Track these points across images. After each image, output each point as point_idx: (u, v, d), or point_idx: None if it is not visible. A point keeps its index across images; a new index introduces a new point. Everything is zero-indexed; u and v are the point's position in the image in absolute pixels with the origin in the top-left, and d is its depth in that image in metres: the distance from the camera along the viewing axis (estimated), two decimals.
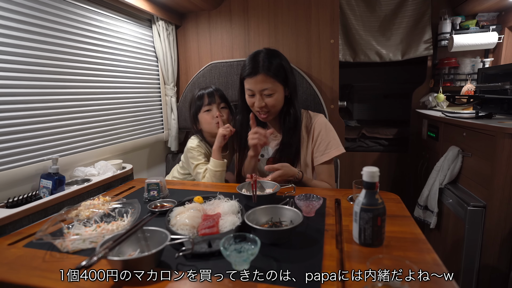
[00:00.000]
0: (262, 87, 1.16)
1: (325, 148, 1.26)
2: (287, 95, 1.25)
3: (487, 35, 1.86)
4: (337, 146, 1.27)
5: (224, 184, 1.30)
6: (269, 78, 1.15)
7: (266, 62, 1.15)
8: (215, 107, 1.38)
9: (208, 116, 1.38)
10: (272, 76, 1.15)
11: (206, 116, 1.38)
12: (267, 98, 1.18)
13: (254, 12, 1.83)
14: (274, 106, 1.19)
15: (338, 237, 0.76)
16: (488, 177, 1.20)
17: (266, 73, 1.14)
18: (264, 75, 1.15)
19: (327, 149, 1.26)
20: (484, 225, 1.23)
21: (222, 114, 1.38)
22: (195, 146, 1.41)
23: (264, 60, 1.16)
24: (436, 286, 0.55)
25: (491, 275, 1.24)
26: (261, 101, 1.18)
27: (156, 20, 1.77)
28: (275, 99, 1.18)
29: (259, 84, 1.16)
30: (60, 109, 1.25)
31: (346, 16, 2.11)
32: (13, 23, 1.05)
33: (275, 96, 1.18)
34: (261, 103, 1.18)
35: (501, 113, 1.50)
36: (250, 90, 1.19)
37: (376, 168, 0.67)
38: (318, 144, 1.28)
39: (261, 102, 1.18)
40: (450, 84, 2.08)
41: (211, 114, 1.37)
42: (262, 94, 1.17)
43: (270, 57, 1.18)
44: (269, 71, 1.15)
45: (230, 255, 0.61)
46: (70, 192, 1.06)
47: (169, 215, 0.85)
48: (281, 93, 1.21)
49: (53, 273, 0.64)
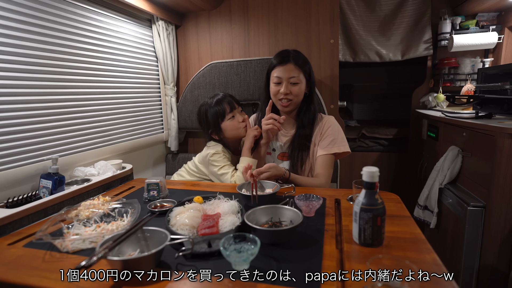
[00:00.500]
0: (290, 75, 1.26)
1: (329, 143, 1.29)
2: (306, 92, 1.32)
3: (487, 35, 1.86)
4: (340, 144, 1.30)
5: (224, 184, 1.30)
6: (297, 68, 1.26)
7: (295, 55, 1.28)
8: (237, 113, 1.42)
9: (233, 123, 1.40)
10: (300, 67, 1.27)
11: (231, 123, 1.40)
12: (292, 87, 1.26)
13: (254, 12, 1.83)
14: (297, 95, 1.28)
15: (338, 237, 0.76)
16: (488, 177, 1.20)
17: (295, 63, 1.26)
18: (293, 64, 1.26)
19: (330, 144, 1.29)
20: (484, 225, 1.23)
21: (244, 118, 1.43)
22: (220, 151, 1.41)
23: (294, 53, 1.29)
24: (436, 286, 0.55)
25: (491, 275, 1.24)
26: (287, 88, 1.26)
27: (156, 20, 1.77)
28: (299, 89, 1.27)
29: (288, 71, 1.26)
30: (60, 109, 1.25)
31: (346, 16, 2.11)
32: (13, 23, 1.05)
33: (300, 86, 1.27)
34: (287, 90, 1.26)
35: (501, 113, 1.50)
36: (278, 77, 1.27)
37: (376, 168, 0.67)
38: (324, 138, 1.31)
39: (287, 88, 1.26)
40: (450, 84, 2.08)
41: (236, 120, 1.40)
42: (289, 82, 1.26)
43: (298, 53, 1.31)
44: (298, 62, 1.27)
45: (230, 255, 0.61)
46: (70, 192, 1.06)
47: (169, 215, 0.85)
48: (304, 86, 1.29)
49: (53, 273, 0.64)
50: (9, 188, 1.04)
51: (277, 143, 1.39)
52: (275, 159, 1.38)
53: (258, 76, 1.74)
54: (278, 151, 1.38)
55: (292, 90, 1.26)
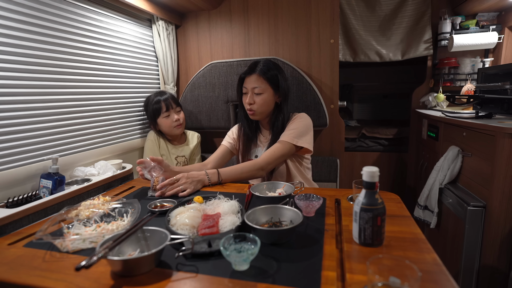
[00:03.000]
0: (253, 85, 1.30)
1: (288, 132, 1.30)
2: (277, 101, 1.37)
3: (487, 35, 1.86)
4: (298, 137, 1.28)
5: (224, 184, 1.30)
6: (262, 78, 1.30)
7: (262, 66, 1.32)
8: (173, 113, 1.62)
9: (167, 121, 1.62)
10: (264, 77, 1.30)
11: (165, 121, 1.62)
12: (256, 97, 1.31)
13: (254, 12, 1.83)
14: (261, 105, 1.31)
15: (338, 237, 0.76)
16: (488, 177, 1.20)
17: (260, 73, 1.30)
18: (257, 75, 1.30)
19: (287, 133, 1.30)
20: (484, 225, 1.23)
21: (179, 118, 1.64)
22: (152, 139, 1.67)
23: (262, 64, 1.33)
24: (436, 286, 0.55)
25: (491, 275, 1.24)
26: (251, 98, 1.31)
27: (156, 20, 1.77)
28: (263, 99, 1.31)
29: (252, 82, 1.31)
30: (60, 109, 1.25)
31: (346, 16, 2.11)
32: (13, 23, 1.05)
33: (263, 96, 1.31)
34: (250, 100, 1.31)
35: (501, 113, 1.50)
36: (244, 87, 1.34)
37: (376, 168, 0.67)
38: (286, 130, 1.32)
39: (250, 99, 1.31)
40: (450, 84, 2.07)
41: (170, 119, 1.62)
42: (253, 92, 1.31)
43: (267, 63, 1.33)
44: (263, 73, 1.30)
45: (230, 255, 0.61)
46: (70, 192, 1.06)
47: (169, 215, 0.85)
48: (270, 96, 1.32)
49: (53, 273, 0.64)
50: (9, 188, 1.04)
51: (258, 149, 1.43)
52: None
53: None
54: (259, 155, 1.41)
55: (256, 100, 1.31)
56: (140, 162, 1.11)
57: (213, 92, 1.83)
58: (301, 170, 1.41)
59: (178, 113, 1.65)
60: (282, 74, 1.34)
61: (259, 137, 1.46)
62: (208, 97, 1.84)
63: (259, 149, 1.43)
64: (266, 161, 1.25)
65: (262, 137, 1.46)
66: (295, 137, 1.28)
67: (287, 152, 1.29)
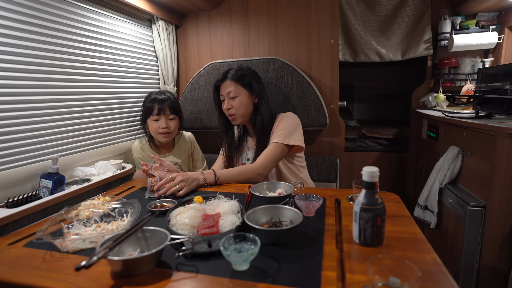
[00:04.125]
0: (227, 90, 1.35)
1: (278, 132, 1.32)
2: (255, 102, 1.39)
3: (487, 35, 1.86)
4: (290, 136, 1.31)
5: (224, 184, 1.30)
6: (234, 82, 1.35)
7: (233, 72, 1.37)
8: (163, 119, 1.48)
9: (154, 125, 1.48)
10: (236, 80, 1.35)
11: (153, 125, 1.49)
12: (232, 101, 1.35)
13: (254, 12, 1.83)
14: (238, 108, 1.35)
15: (338, 237, 0.76)
16: (488, 177, 1.20)
17: (231, 79, 1.35)
18: (230, 80, 1.36)
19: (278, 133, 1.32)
20: (484, 225, 1.23)
21: (169, 125, 1.48)
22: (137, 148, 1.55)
23: (233, 70, 1.38)
24: (436, 286, 0.55)
25: (491, 275, 1.24)
26: (228, 103, 1.36)
27: (156, 20, 1.77)
28: (239, 102, 1.34)
29: (225, 88, 1.36)
30: (60, 109, 1.25)
31: (346, 16, 2.11)
32: (13, 23, 1.05)
33: (239, 99, 1.35)
34: (227, 105, 1.36)
35: (501, 113, 1.50)
36: (221, 95, 1.39)
37: (376, 168, 0.67)
38: (276, 130, 1.35)
39: (228, 104, 1.36)
40: (450, 84, 2.08)
41: (157, 124, 1.48)
42: (228, 98, 1.35)
43: (239, 68, 1.39)
44: (234, 77, 1.35)
45: (230, 255, 0.61)
46: (70, 192, 1.06)
47: (169, 215, 0.85)
48: (246, 98, 1.36)
49: (53, 273, 0.64)
50: (9, 188, 1.04)
51: (248, 152, 1.46)
52: None
53: None
54: (251, 159, 1.43)
55: (233, 104, 1.35)
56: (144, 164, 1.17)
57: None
58: (293, 169, 1.42)
59: (170, 121, 1.49)
60: (254, 75, 1.39)
61: (248, 141, 1.50)
62: (208, 97, 1.84)
63: (250, 152, 1.46)
64: (262, 165, 1.26)
65: (250, 140, 1.49)
66: (286, 136, 1.30)
67: (281, 153, 1.31)
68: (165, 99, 1.49)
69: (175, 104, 1.53)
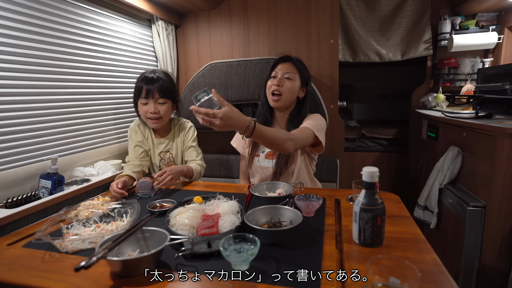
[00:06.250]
0: (286, 70, 1.33)
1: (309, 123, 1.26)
2: (301, 97, 1.37)
3: (487, 35, 1.86)
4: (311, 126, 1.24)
5: (224, 184, 1.30)
6: (295, 68, 1.34)
7: (297, 59, 1.37)
8: (152, 103, 1.31)
9: (143, 109, 1.33)
10: (298, 68, 1.34)
11: (142, 108, 1.33)
12: (286, 81, 1.31)
13: (254, 12, 1.83)
14: (289, 90, 1.31)
15: (338, 237, 0.76)
16: (488, 177, 1.20)
17: (294, 63, 1.35)
18: (292, 64, 1.35)
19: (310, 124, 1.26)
20: (484, 225, 1.23)
21: (158, 110, 1.31)
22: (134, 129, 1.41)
23: (296, 58, 1.38)
24: (436, 286, 0.55)
25: (491, 275, 1.24)
26: (281, 81, 1.31)
27: (156, 20, 1.77)
28: (292, 85, 1.32)
29: (285, 68, 1.33)
30: (60, 109, 1.25)
31: (346, 16, 2.11)
32: (13, 23, 1.05)
33: (293, 83, 1.32)
34: (279, 82, 1.31)
35: (500, 113, 1.50)
36: (275, 72, 1.35)
37: (376, 168, 0.67)
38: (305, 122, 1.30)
39: (280, 81, 1.31)
40: (449, 84, 2.08)
41: (145, 109, 1.32)
42: (283, 76, 1.32)
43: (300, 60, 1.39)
44: (297, 63, 1.35)
45: (230, 255, 0.61)
46: (70, 192, 1.06)
47: (169, 215, 0.85)
48: (298, 87, 1.34)
49: (52, 273, 0.64)
50: (9, 188, 1.04)
51: None
52: (264, 159, 1.38)
53: (258, 76, 1.74)
54: (266, 151, 1.39)
55: (284, 84, 1.31)
56: None
57: None
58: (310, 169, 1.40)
59: (159, 105, 1.32)
60: (309, 73, 1.39)
61: None
62: None
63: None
64: (295, 135, 1.16)
65: None
66: (317, 130, 1.24)
67: (310, 138, 1.22)
68: (155, 79, 1.31)
69: (167, 86, 1.34)
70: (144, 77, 1.32)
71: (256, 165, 1.39)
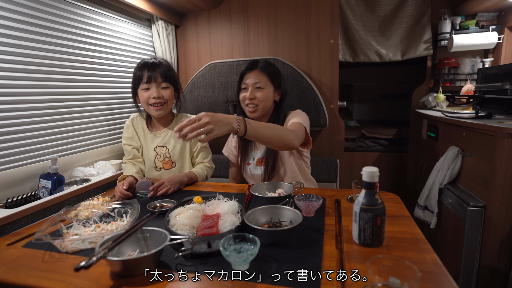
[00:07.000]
0: (255, 80, 1.28)
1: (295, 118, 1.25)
2: (277, 100, 1.35)
3: (487, 35, 1.86)
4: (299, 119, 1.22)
5: (224, 184, 1.29)
6: (263, 74, 1.29)
7: (263, 63, 1.32)
8: (154, 87, 1.23)
9: (144, 95, 1.24)
10: (266, 73, 1.29)
11: (143, 95, 1.25)
12: (257, 92, 1.28)
13: (254, 12, 1.83)
14: (263, 100, 1.28)
15: (338, 237, 0.76)
16: (488, 177, 1.20)
17: (261, 70, 1.30)
18: (259, 71, 1.29)
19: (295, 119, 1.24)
20: (484, 225, 1.23)
21: (161, 95, 1.24)
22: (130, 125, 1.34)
23: (263, 62, 1.33)
24: (436, 286, 0.55)
25: (491, 275, 1.24)
26: (252, 93, 1.28)
27: (156, 20, 1.77)
28: (264, 94, 1.28)
29: (253, 77, 1.29)
30: (59, 109, 1.24)
31: (346, 16, 2.11)
32: (13, 23, 1.05)
33: (265, 92, 1.28)
34: (251, 95, 1.28)
35: (500, 113, 1.50)
36: (244, 83, 1.31)
37: (376, 168, 0.67)
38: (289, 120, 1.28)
39: (252, 94, 1.28)
40: (449, 84, 2.07)
41: (148, 94, 1.24)
42: (254, 87, 1.28)
43: (267, 62, 1.35)
44: (264, 69, 1.30)
45: (230, 255, 0.61)
46: (70, 192, 1.06)
47: (169, 215, 0.85)
48: (271, 92, 1.31)
49: (52, 273, 0.64)
50: (9, 188, 1.04)
51: (257, 152, 1.39)
52: (255, 167, 1.38)
53: None
54: (256, 158, 1.39)
55: (257, 95, 1.27)
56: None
57: (213, 92, 1.82)
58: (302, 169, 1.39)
59: (162, 90, 1.25)
60: (280, 73, 1.36)
61: None
62: (207, 97, 1.83)
63: (258, 152, 1.39)
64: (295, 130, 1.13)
65: None
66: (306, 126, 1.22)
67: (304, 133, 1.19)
68: (157, 64, 1.24)
69: (170, 72, 1.28)
70: (144, 62, 1.25)
71: (249, 173, 1.40)
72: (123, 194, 1.07)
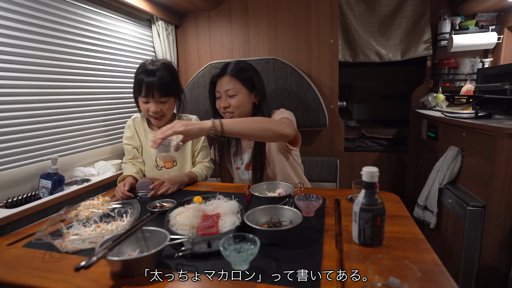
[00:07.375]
0: (226, 87, 1.24)
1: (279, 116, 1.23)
2: (255, 102, 1.31)
3: (487, 35, 1.86)
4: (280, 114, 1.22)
5: (224, 184, 1.30)
6: (234, 79, 1.24)
7: (233, 67, 1.27)
8: (152, 102, 1.23)
9: (145, 107, 1.25)
10: (237, 77, 1.24)
11: (143, 106, 1.26)
12: (230, 99, 1.25)
13: (254, 12, 1.83)
14: (237, 107, 1.25)
15: (338, 237, 0.76)
16: (488, 177, 1.20)
17: (231, 75, 1.25)
18: (229, 76, 1.25)
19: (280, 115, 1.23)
20: (484, 225, 1.23)
21: (159, 109, 1.24)
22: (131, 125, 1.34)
23: (232, 65, 1.27)
24: (435, 286, 0.55)
25: (491, 275, 1.24)
26: (225, 101, 1.25)
27: (156, 20, 1.77)
28: (238, 100, 1.24)
29: (223, 85, 1.25)
30: (60, 109, 1.25)
31: (346, 16, 2.11)
32: (13, 23, 1.05)
33: (238, 97, 1.25)
34: (225, 103, 1.25)
35: (500, 113, 1.50)
36: (217, 92, 1.28)
37: (376, 168, 0.67)
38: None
39: (225, 102, 1.25)
40: (449, 84, 2.08)
41: (147, 107, 1.24)
42: (226, 96, 1.25)
43: (239, 63, 1.29)
44: (235, 73, 1.25)
45: (230, 255, 0.61)
46: (70, 192, 1.06)
47: (169, 215, 0.85)
48: (245, 96, 1.27)
49: (52, 273, 0.64)
50: (9, 188, 1.04)
51: (244, 156, 1.38)
52: (243, 172, 1.37)
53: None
54: (245, 163, 1.38)
55: (230, 103, 1.24)
56: None
57: None
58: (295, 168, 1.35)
59: (161, 104, 1.24)
60: (255, 73, 1.29)
61: (242, 143, 1.40)
62: (207, 97, 1.83)
63: (245, 156, 1.38)
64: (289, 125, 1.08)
65: (244, 142, 1.40)
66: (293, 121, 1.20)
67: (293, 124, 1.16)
68: (153, 82, 1.19)
69: (168, 84, 1.23)
70: (144, 70, 1.22)
71: (238, 179, 1.39)
72: (125, 195, 1.07)
